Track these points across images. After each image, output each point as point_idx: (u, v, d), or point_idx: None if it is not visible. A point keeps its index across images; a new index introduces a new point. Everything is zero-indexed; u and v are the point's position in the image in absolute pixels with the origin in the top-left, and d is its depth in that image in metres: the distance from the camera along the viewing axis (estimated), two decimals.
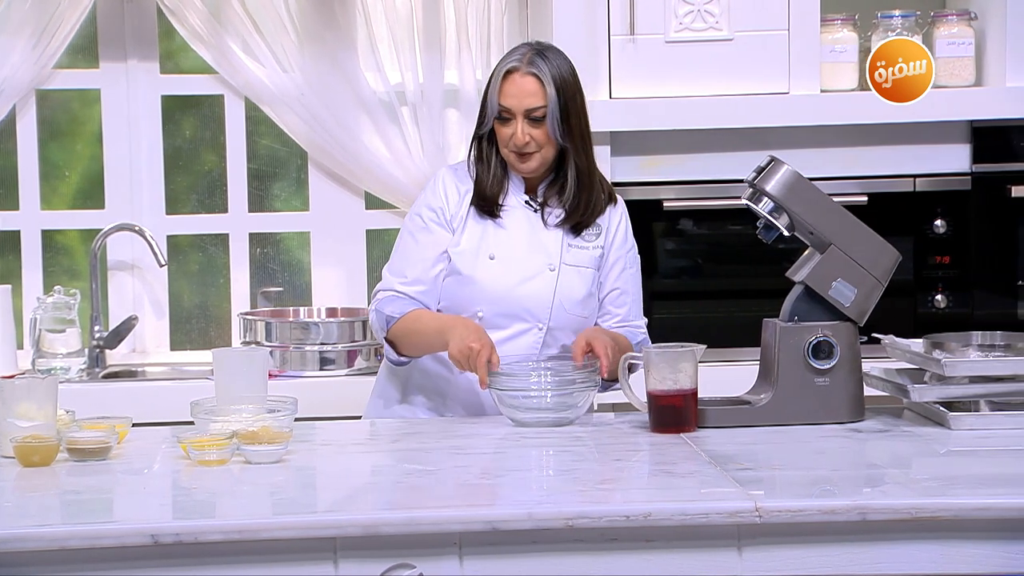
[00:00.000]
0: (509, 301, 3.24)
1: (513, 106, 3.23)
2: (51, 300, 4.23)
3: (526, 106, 3.22)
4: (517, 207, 3.31)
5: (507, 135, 3.24)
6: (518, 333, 3.26)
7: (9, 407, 2.80)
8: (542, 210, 3.31)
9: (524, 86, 3.22)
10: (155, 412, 3.53)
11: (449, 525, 2.42)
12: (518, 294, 3.25)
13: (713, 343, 3.25)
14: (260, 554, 2.38)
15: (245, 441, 2.76)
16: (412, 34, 4.40)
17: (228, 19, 4.38)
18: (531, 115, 3.22)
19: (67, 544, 2.34)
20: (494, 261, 3.26)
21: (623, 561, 2.43)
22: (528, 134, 3.22)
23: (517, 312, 3.25)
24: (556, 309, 3.26)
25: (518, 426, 3.06)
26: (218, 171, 4.56)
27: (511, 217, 3.30)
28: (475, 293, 3.24)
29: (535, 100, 3.22)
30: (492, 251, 3.27)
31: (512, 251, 3.27)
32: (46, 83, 4.42)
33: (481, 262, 3.26)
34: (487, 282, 3.25)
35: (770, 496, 2.48)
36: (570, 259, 3.29)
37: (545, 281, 3.27)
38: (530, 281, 3.27)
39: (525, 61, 3.23)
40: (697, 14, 4.10)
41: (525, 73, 3.23)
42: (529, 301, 3.26)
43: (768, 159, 3.11)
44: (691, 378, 2.98)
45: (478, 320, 3.23)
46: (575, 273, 3.29)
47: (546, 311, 3.26)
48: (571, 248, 3.30)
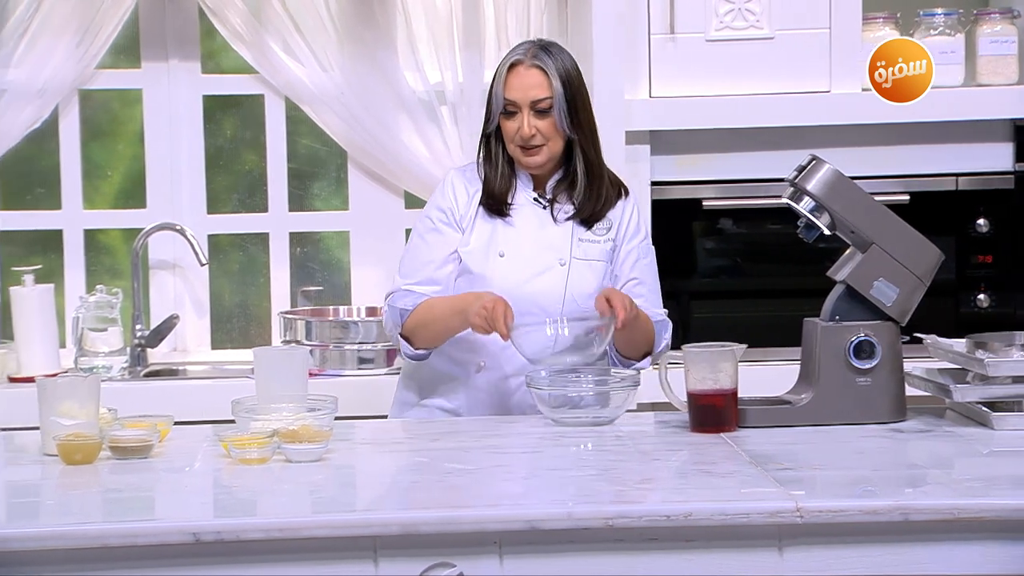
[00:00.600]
0: (520, 297, 3.23)
1: (518, 99, 3.24)
2: (93, 299, 4.25)
3: (531, 98, 3.23)
4: (526, 204, 3.32)
5: (513, 129, 3.26)
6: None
7: (52, 406, 2.81)
8: (551, 206, 3.31)
9: (528, 78, 3.24)
10: (196, 411, 3.54)
11: (489, 524, 2.42)
12: (529, 290, 3.26)
13: (753, 343, 3.24)
14: (301, 552, 2.39)
15: (286, 440, 2.77)
16: (452, 33, 4.40)
17: (268, 19, 4.40)
18: (537, 107, 3.24)
19: (108, 542, 2.35)
20: (504, 258, 3.27)
21: (663, 561, 2.42)
22: (534, 126, 3.24)
23: (529, 308, 3.23)
24: (568, 303, 3.26)
25: (557, 426, 3.06)
26: (258, 171, 4.57)
27: (520, 215, 3.31)
28: (486, 291, 3.23)
29: (540, 92, 3.24)
30: (502, 248, 3.28)
31: (521, 248, 3.28)
32: (88, 83, 4.45)
33: (491, 260, 3.27)
34: (498, 279, 3.25)
35: (811, 496, 2.47)
36: (580, 253, 3.30)
37: (556, 276, 3.28)
38: (540, 276, 3.27)
39: (529, 55, 3.26)
40: (738, 12, 4.09)
41: (529, 66, 3.25)
42: (540, 296, 3.26)
43: (809, 158, 3.09)
44: (731, 378, 2.97)
45: None
46: (586, 267, 3.29)
47: (558, 306, 3.26)
48: (581, 242, 3.30)
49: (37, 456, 2.85)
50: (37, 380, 2.87)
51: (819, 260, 3.48)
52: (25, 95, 4.34)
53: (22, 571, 2.34)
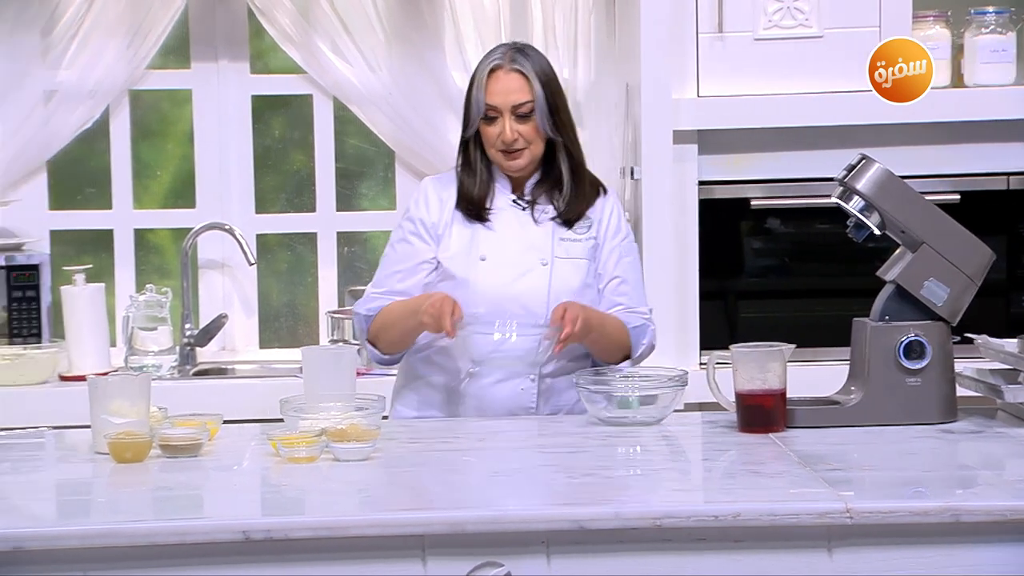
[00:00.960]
0: (505, 299, 3.23)
1: (499, 103, 3.24)
2: (143, 298, 4.28)
3: (512, 102, 3.24)
4: (505, 208, 3.32)
5: (494, 134, 3.25)
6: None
7: (103, 404, 2.83)
8: (531, 208, 3.31)
9: (509, 83, 3.24)
10: (244, 409, 3.56)
11: (536, 524, 2.42)
12: (513, 291, 3.25)
13: (802, 343, 3.22)
14: (349, 551, 2.39)
15: (334, 439, 2.78)
16: (499, 34, 4.40)
17: (317, 19, 4.41)
18: (518, 111, 3.24)
19: (158, 540, 2.37)
20: (485, 262, 3.26)
21: (711, 561, 2.42)
22: (516, 131, 3.24)
23: (514, 310, 3.23)
24: (553, 303, 3.24)
25: (604, 425, 3.05)
26: (306, 170, 4.59)
27: (500, 218, 3.31)
28: (470, 295, 3.23)
29: (521, 96, 3.24)
30: (483, 252, 3.27)
31: (503, 250, 3.28)
32: (139, 83, 4.47)
33: (473, 264, 3.27)
34: (481, 283, 3.25)
35: (860, 497, 2.45)
36: (562, 252, 3.29)
37: (538, 276, 3.27)
38: (523, 277, 3.27)
39: (507, 59, 3.26)
40: (786, 11, 4.07)
41: (509, 70, 3.25)
42: (525, 297, 3.25)
43: (859, 157, 3.08)
44: (780, 378, 2.96)
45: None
46: (569, 265, 3.29)
47: (542, 306, 3.25)
48: (563, 242, 3.30)
49: (88, 454, 2.87)
50: (88, 379, 2.89)
51: (868, 260, 3.47)
52: (76, 96, 4.37)
53: (73, 568, 2.36)
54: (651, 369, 3.26)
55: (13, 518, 2.50)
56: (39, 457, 2.97)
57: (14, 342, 4.11)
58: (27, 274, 4.14)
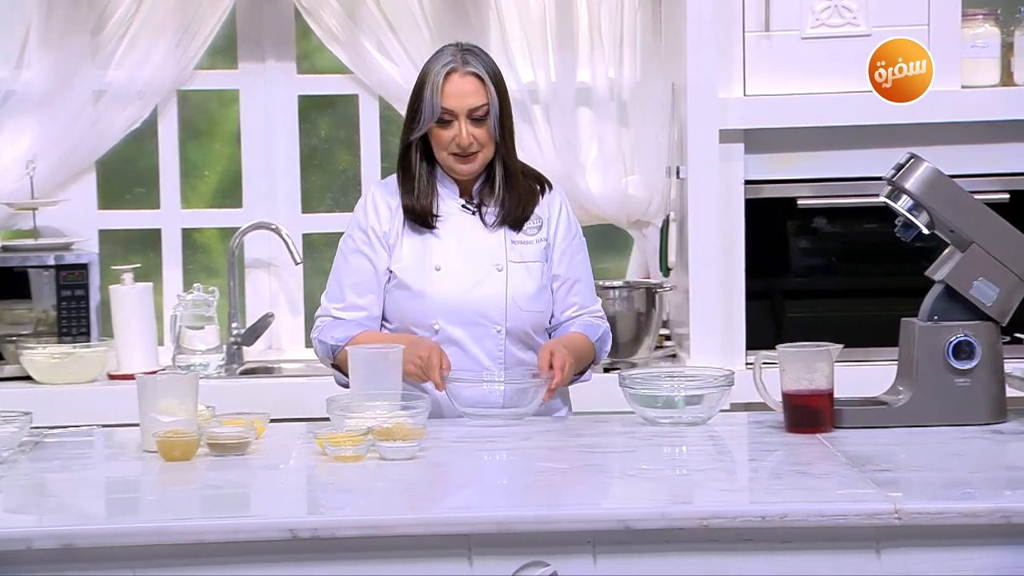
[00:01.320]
0: (463, 308, 3.21)
1: (455, 107, 3.17)
2: (191, 297, 4.30)
3: (468, 106, 3.17)
4: (454, 213, 3.26)
5: (448, 137, 3.19)
6: (478, 339, 3.22)
7: (152, 403, 2.85)
8: (480, 211, 3.27)
9: (465, 86, 3.18)
10: (290, 408, 3.58)
11: (582, 524, 2.42)
12: (470, 299, 3.22)
13: (849, 343, 3.20)
14: (395, 550, 2.40)
15: (380, 438, 2.78)
16: (545, 33, 4.41)
17: (363, 19, 4.43)
18: (473, 115, 3.18)
19: (207, 538, 2.38)
20: (440, 272, 3.22)
21: (758, 562, 2.41)
22: (471, 134, 3.18)
23: (473, 318, 3.21)
24: (511, 308, 3.23)
25: (650, 425, 3.05)
26: (352, 170, 4.61)
27: (449, 225, 3.26)
28: (428, 306, 3.21)
29: (477, 99, 3.18)
30: (437, 262, 3.23)
31: (457, 258, 3.23)
32: (187, 84, 4.50)
33: (428, 275, 3.22)
34: (438, 294, 3.21)
35: (909, 498, 2.44)
36: (515, 256, 3.25)
37: (495, 282, 3.24)
38: (480, 285, 3.23)
39: (460, 61, 3.19)
40: (834, 10, 4.05)
41: (464, 73, 3.18)
42: (483, 305, 3.22)
43: (908, 156, 3.06)
44: (827, 378, 2.94)
45: (435, 334, 3.20)
46: (523, 270, 3.26)
47: (501, 312, 3.23)
48: (515, 245, 3.26)
49: (136, 453, 2.89)
50: (137, 377, 2.91)
51: (916, 259, 3.45)
52: (125, 96, 4.40)
53: (122, 566, 2.37)
54: (697, 369, 3.26)
55: (63, 516, 2.52)
56: (88, 455, 2.99)
57: (63, 341, 4.15)
58: (76, 273, 4.17)
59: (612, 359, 4.19)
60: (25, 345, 4.10)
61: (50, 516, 2.53)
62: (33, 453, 2.90)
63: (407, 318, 3.24)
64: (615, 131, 4.44)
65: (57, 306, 4.18)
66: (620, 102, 4.45)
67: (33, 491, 2.66)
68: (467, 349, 3.22)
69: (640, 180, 4.44)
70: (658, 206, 4.42)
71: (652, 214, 4.44)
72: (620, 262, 4.62)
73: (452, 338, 3.21)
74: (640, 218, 4.47)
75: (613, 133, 4.44)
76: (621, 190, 4.44)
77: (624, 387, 3.08)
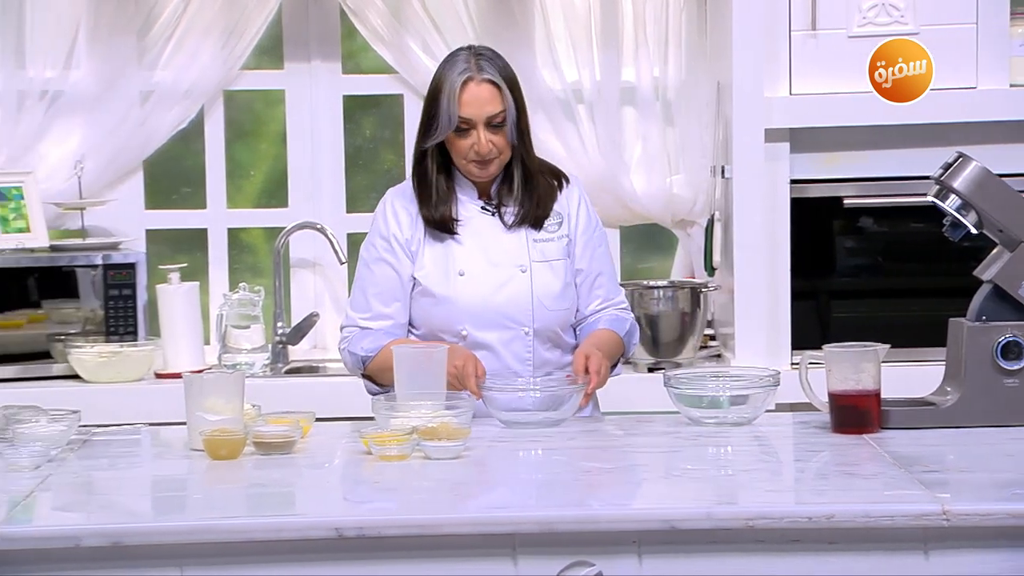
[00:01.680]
0: (489, 312, 3.20)
1: (473, 115, 3.14)
2: (236, 297, 4.32)
3: (487, 114, 3.15)
4: (474, 215, 3.24)
5: (467, 146, 3.17)
6: (507, 342, 3.21)
7: (198, 401, 2.86)
8: (499, 211, 3.25)
9: (482, 94, 3.15)
10: (335, 407, 3.58)
11: (627, 524, 2.41)
12: (496, 303, 3.20)
13: (896, 343, 3.18)
14: (440, 549, 2.40)
15: (425, 437, 2.79)
16: (590, 32, 4.40)
17: (408, 19, 4.43)
18: (491, 122, 3.15)
19: (253, 536, 2.39)
20: (464, 277, 3.20)
21: (804, 562, 2.40)
22: (490, 141, 3.16)
23: (500, 321, 3.20)
24: (537, 309, 3.22)
25: (695, 425, 3.04)
26: (397, 170, 4.61)
27: (470, 228, 3.23)
28: (454, 312, 3.20)
29: (494, 107, 3.15)
30: (460, 267, 3.21)
31: (480, 262, 3.21)
32: (233, 84, 4.52)
33: (452, 280, 3.21)
34: (463, 299, 3.20)
35: (957, 499, 2.42)
36: (538, 255, 3.24)
37: (520, 284, 3.22)
38: (505, 287, 3.21)
39: (476, 68, 3.16)
40: (881, 8, 4.03)
41: (481, 81, 3.15)
42: (509, 307, 3.21)
43: (956, 155, 3.04)
44: (874, 378, 2.93)
45: (462, 340, 3.19)
46: (547, 268, 3.24)
47: (527, 313, 3.22)
48: (537, 243, 3.24)
49: (183, 451, 2.90)
50: (184, 376, 2.92)
51: (964, 259, 3.42)
52: (172, 96, 4.43)
53: (170, 564, 2.39)
54: (742, 369, 3.25)
55: (111, 514, 2.54)
56: (136, 453, 3.01)
57: (111, 340, 4.17)
58: (124, 273, 4.20)
59: (656, 359, 4.18)
60: (73, 344, 4.13)
61: (98, 514, 2.54)
62: (81, 451, 2.92)
63: (433, 324, 3.23)
64: (660, 130, 4.43)
65: (105, 305, 4.21)
66: (665, 101, 4.44)
67: (81, 489, 2.68)
68: (496, 353, 3.21)
69: (685, 179, 4.43)
70: (703, 205, 4.40)
71: (697, 213, 4.43)
72: (665, 262, 4.61)
73: (480, 342, 3.20)
74: (685, 217, 4.46)
75: (658, 132, 4.43)
76: (666, 189, 4.43)
77: (669, 387, 3.07)
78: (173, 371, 4.14)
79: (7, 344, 4.17)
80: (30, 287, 4.19)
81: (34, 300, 4.20)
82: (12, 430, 2.84)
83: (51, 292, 4.20)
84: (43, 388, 4.04)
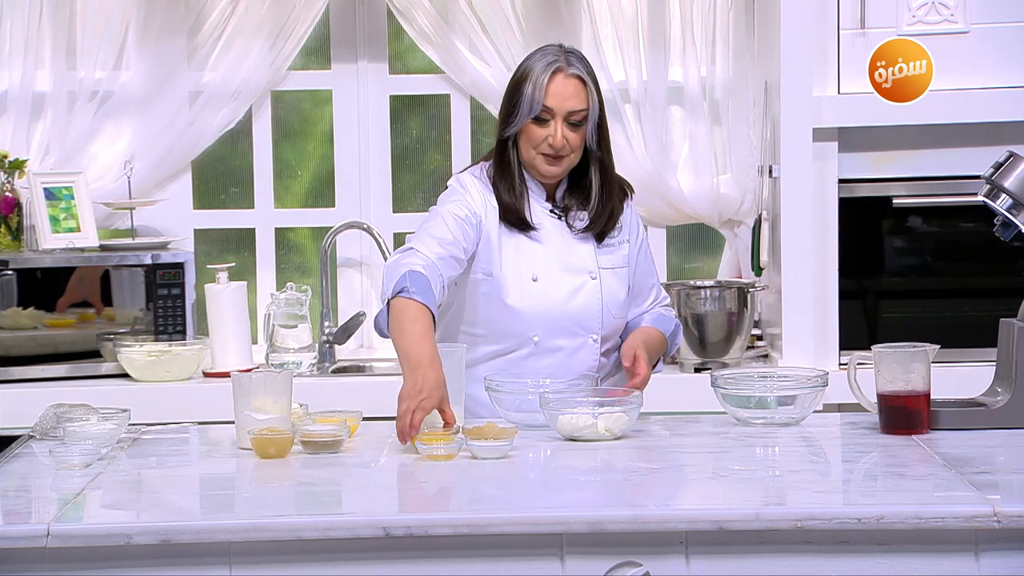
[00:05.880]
0: (561, 319, 3.18)
1: (555, 106, 3.11)
2: (284, 296, 4.34)
3: (568, 108, 3.12)
4: (543, 218, 3.21)
5: (541, 136, 3.13)
6: (576, 349, 3.20)
7: (246, 400, 2.87)
8: (565, 216, 3.22)
9: (568, 87, 3.12)
10: (382, 406, 3.57)
11: (675, 524, 2.41)
12: (568, 310, 3.19)
13: (946, 343, 3.17)
14: (488, 549, 2.40)
15: (472, 437, 2.79)
16: (637, 32, 4.39)
17: (455, 19, 4.44)
18: (571, 118, 3.12)
19: (302, 535, 2.40)
20: (538, 283, 3.18)
21: (853, 564, 2.39)
22: (565, 137, 3.13)
23: (571, 328, 3.19)
24: (606, 317, 3.21)
25: (743, 425, 3.03)
26: (443, 170, 4.62)
27: (543, 231, 3.20)
28: (527, 320, 3.17)
29: (577, 103, 3.13)
30: (534, 272, 3.18)
31: (553, 268, 3.19)
32: (281, 84, 4.54)
33: (526, 286, 3.17)
34: (536, 306, 3.17)
35: (1009, 501, 2.40)
36: (605, 263, 3.23)
37: (590, 291, 3.21)
38: (577, 295, 3.20)
39: (565, 61, 3.14)
40: (931, 6, 4.00)
41: (569, 74, 3.13)
42: (580, 314, 3.19)
43: (1007, 154, 3.02)
44: (923, 379, 2.91)
45: (534, 345, 3.17)
46: (613, 276, 3.23)
47: (597, 321, 3.21)
48: (602, 250, 3.23)
49: (232, 450, 2.92)
50: (232, 375, 2.93)
51: (1014, 259, 3.40)
52: (220, 97, 4.45)
53: (219, 562, 2.40)
54: (790, 369, 3.23)
55: (161, 512, 2.56)
56: (184, 452, 3.03)
57: (160, 339, 4.20)
58: (172, 272, 4.22)
59: (703, 359, 4.17)
60: (122, 343, 4.16)
61: (148, 512, 2.56)
62: (131, 450, 2.94)
63: (501, 328, 3.20)
64: (707, 130, 4.42)
65: (153, 305, 4.23)
66: (712, 100, 4.43)
67: (131, 487, 2.70)
68: (566, 360, 3.20)
69: (732, 179, 4.41)
70: (750, 205, 4.39)
71: (744, 213, 4.41)
72: (712, 261, 4.60)
73: (551, 348, 3.19)
74: (732, 217, 4.44)
75: (705, 132, 4.42)
76: (713, 189, 4.42)
77: (716, 387, 3.07)
78: (221, 370, 4.16)
79: (57, 343, 4.20)
80: (80, 286, 4.22)
81: (84, 299, 4.23)
82: (63, 428, 2.86)
83: (101, 291, 4.23)
84: (93, 387, 4.06)
